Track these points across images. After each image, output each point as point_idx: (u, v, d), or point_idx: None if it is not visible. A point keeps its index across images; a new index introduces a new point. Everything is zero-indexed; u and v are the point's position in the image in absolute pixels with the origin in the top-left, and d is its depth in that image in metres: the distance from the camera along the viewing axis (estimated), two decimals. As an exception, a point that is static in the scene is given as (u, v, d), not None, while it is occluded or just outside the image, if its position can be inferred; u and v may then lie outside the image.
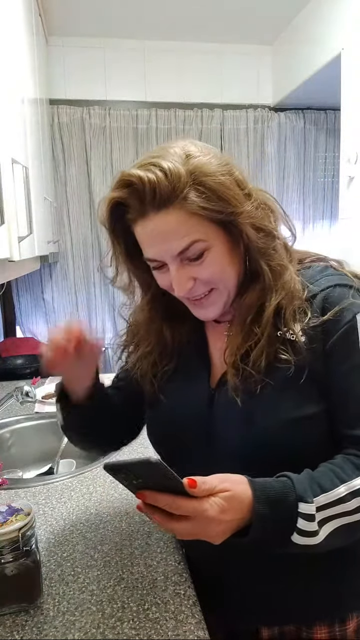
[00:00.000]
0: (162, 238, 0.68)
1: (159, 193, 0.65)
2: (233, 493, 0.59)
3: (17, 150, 1.16)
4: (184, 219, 0.67)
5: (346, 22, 1.93)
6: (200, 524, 0.58)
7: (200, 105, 2.65)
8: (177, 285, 0.71)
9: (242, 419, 0.71)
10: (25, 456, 1.54)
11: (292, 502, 0.61)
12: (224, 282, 0.72)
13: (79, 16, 2.30)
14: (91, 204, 2.63)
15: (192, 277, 0.70)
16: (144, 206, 0.67)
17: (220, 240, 0.69)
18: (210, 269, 0.70)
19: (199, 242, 0.68)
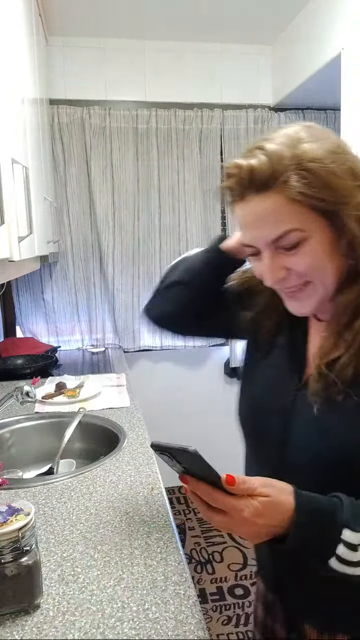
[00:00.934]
0: (257, 223, 0.66)
1: (258, 175, 0.63)
2: (272, 500, 0.58)
3: (17, 150, 1.16)
4: (281, 204, 0.63)
5: (346, 22, 1.93)
6: (235, 521, 0.58)
7: (200, 105, 2.65)
8: (267, 273, 0.67)
9: (317, 428, 0.68)
10: (25, 456, 1.54)
11: (336, 525, 0.57)
12: (321, 277, 0.67)
13: (79, 16, 2.31)
14: (91, 204, 2.63)
15: (285, 267, 0.67)
16: (243, 189, 0.65)
17: (321, 232, 0.64)
18: (305, 260, 0.65)
19: (295, 231, 0.64)
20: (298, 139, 0.63)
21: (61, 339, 2.77)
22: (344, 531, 0.57)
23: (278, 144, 0.63)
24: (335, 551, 0.57)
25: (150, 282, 2.75)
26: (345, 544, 0.57)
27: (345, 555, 0.57)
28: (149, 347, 2.83)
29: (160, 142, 2.64)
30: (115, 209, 2.66)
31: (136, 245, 2.71)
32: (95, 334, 2.79)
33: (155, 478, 1.16)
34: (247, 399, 0.83)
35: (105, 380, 1.99)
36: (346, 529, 0.57)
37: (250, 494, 0.57)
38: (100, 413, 1.61)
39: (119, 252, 2.69)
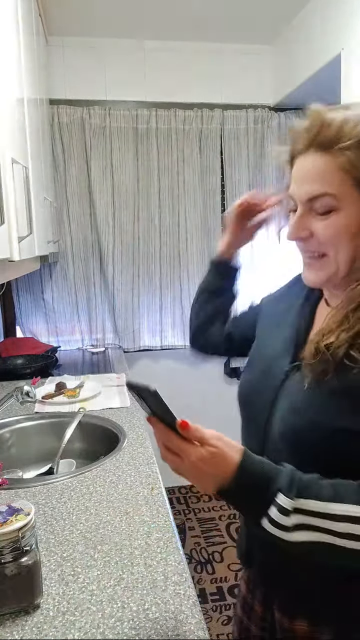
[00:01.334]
0: (304, 178, 0.69)
1: (325, 132, 0.66)
2: (219, 451, 0.61)
3: (17, 150, 1.16)
4: (330, 167, 0.66)
5: (346, 22, 1.93)
6: (183, 464, 0.61)
7: (200, 105, 2.65)
8: (292, 227, 0.71)
9: (290, 408, 0.72)
10: (25, 456, 1.54)
11: (273, 488, 0.60)
12: (337, 251, 0.69)
13: (79, 16, 2.31)
14: (91, 204, 2.63)
15: (309, 228, 0.70)
16: (307, 140, 0.69)
17: (354, 209, 0.67)
18: (330, 230, 0.68)
19: (330, 197, 0.67)
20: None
21: (61, 339, 2.77)
22: (278, 494, 0.60)
23: (357, 116, 0.66)
24: (268, 512, 0.60)
25: (150, 282, 2.75)
26: (278, 507, 0.59)
27: (277, 518, 0.59)
28: (149, 347, 2.83)
29: (160, 142, 2.64)
30: (115, 209, 2.66)
31: (136, 245, 2.71)
32: (95, 334, 2.79)
33: (155, 478, 1.16)
34: (245, 375, 0.89)
35: (105, 380, 1.99)
36: (280, 493, 0.60)
37: (201, 442, 0.61)
38: (100, 413, 1.61)
39: (119, 252, 2.69)
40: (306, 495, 0.60)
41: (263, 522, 0.60)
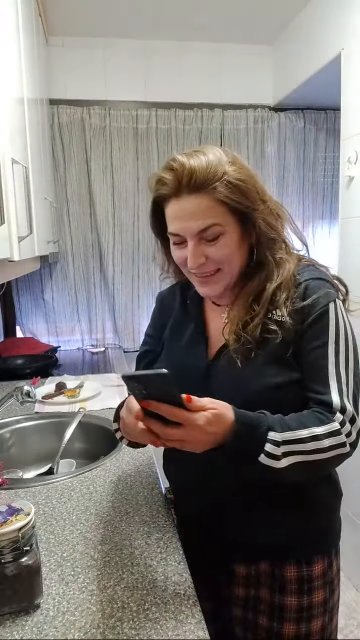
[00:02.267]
0: (189, 217, 0.82)
1: (196, 179, 0.80)
2: (219, 412, 0.72)
3: (17, 150, 1.16)
4: (210, 204, 0.81)
5: (346, 22, 1.93)
6: (189, 431, 0.70)
7: (200, 105, 2.65)
8: (191, 258, 0.84)
9: (234, 384, 0.85)
10: (25, 456, 1.54)
11: (264, 428, 0.75)
12: (230, 265, 0.86)
13: (79, 16, 2.31)
14: (91, 204, 2.63)
15: (205, 254, 0.84)
16: (179, 186, 0.81)
17: (235, 229, 0.84)
18: (221, 251, 0.84)
19: (218, 226, 0.82)
20: (227, 160, 0.82)
21: (61, 339, 2.77)
22: (269, 433, 0.74)
23: (215, 158, 0.82)
24: (264, 447, 0.73)
25: (150, 282, 2.75)
26: (271, 441, 0.74)
27: (271, 450, 0.73)
28: (149, 347, 2.82)
29: (160, 142, 2.64)
30: (115, 209, 2.66)
31: (136, 245, 2.71)
32: (95, 334, 2.79)
33: (155, 478, 1.16)
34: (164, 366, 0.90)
35: (105, 380, 1.99)
36: (271, 430, 0.74)
37: (201, 409, 0.71)
38: (100, 413, 1.61)
39: (119, 252, 2.69)
40: (284, 429, 0.76)
41: (261, 457, 0.73)
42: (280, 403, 0.82)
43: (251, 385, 0.84)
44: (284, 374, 0.83)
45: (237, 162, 0.85)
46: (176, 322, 1.02)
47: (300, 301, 0.83)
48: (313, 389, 0.82)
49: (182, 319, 1.01)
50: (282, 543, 0.89)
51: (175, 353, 0.99)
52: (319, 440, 0.76)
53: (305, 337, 0.83)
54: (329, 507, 0.93)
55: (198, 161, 0.81)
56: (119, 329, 2.77)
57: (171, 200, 0.83)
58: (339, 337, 0.83)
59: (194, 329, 0.97)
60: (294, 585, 0.89)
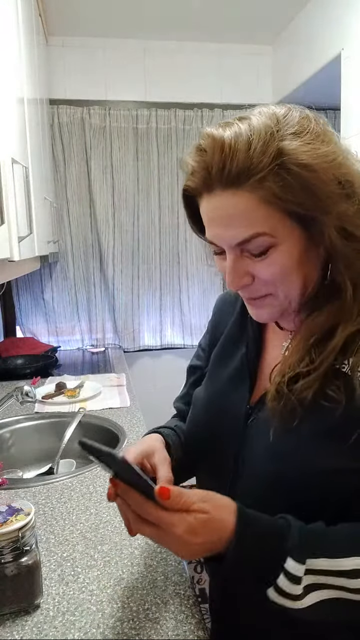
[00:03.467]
0: (224, 222, 0.58)
1: (231, 166, 0.55)
2: (210, 517, 0.52)
3: (17, 150, 1.16)
4: (253, 205, 0.55)
5: (346, 22, 1.93)
6: (167, 537, 0.52)
7: (200, 105, 2.65)
8: (229, 278, 0.61)
9: (271, 452, 0.62)
10: (25, 456, 1.54)
11: (279, 552, 0.52)
12: (285, 289, 0.61)
13: (79, 16, 2.30)
14: (91, 204, 2.63)
15: (249, 272, 0.61)
16: (210, 178, 0.57)
17: (294, 239, 0.58)
18: (273, 269, 0.59)
19: (264, 236, 0.57)
20: (287, 130, 0.56)
21: (61, 339, 2.77)
22: (287, 560, 0.51)
23: (266, 128, 0.55)
24: (276, 581, 0.51)
25: (150, 282, 2.75)
26: (286, 574, 0.51)
27: (285, 586, 0.51)
28: (148, 347, 2.83)
29: (160, 142, 2.64)
30: (115, 209, 2.66)
31: (136, 245, 2.71)
32: (95, 334, 2.79)
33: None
34: (202, 397, 0.78)
35: (105, 380, 1.99)
36: (290, 558, 0.51)
37: (185, 509, 0.52)
38: (100, 413, 1.61)
39: (119, 252, 2.69)
40: (316, 553, 0.52)
41: (269, 592, 0.52)
42: (331, 494, 0.58)
43: (290, 460, 0.60)
44: (342, 456, 0.57)
45: (308, 129, 0.57)
46: (228, 340, 0.78)
47: None
48: None
49: (236, 337, 0.77)
50: None
51: (215, 386, 0.75)
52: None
53: None
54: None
55: (236, 136, 0.55)
56: (119, 329, 2.77)
57: (203, 195, 0.60)
58: None
59: (244, 355, 0.73)
60: None
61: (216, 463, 0.71)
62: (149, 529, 0.53)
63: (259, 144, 0.54)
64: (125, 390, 1.87)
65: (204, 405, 0.76)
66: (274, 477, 0.60)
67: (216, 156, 0.55)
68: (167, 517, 0.51)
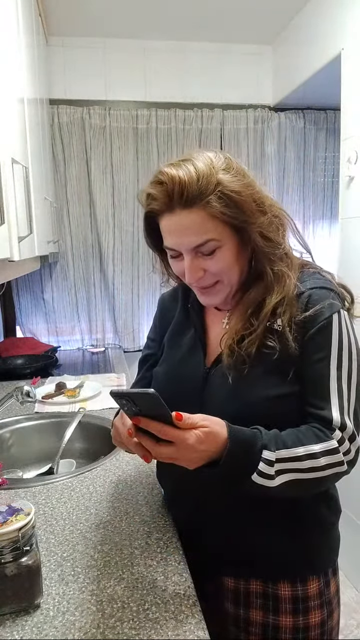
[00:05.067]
0: (183, 232, 0.79)
1: (187, 193, 0.76)
2: (211, 429, 0.71)
3: (17, 150, 1.16)
4: (204, 219, 0.78)
5: (346, 22, 1.93)
6: (180, 450, 0.70)
7: (200, 105, 2.65)
8: (189, 273, 0.82)
9: (230, 395, 0.83)
10: (25, 456, 1.54)
11: (258, 447, 0.73)
12: (229, 277, 0.84)
13: (79, 16, 2.31)
14: (91, 204, 2.63)
15: (202, 268, 0.82)
16: (171, 202, 0.78)
17: (231, 242, 0.81)
18: (218, 264, 0.81)
19: (213, 241, 0.79)
20: (220, 167, 0.78)
21: (61, 339, 2.77)
22: (263, 451, 0.73)
23: (206, 167, 0.77)
24: (258, 467, 0.72)
25: (150, 282, 2.75)
26: (264, 460, 0.73)
27: (264, 469, 0.72)
28: (149, 347, 2.83)
29: (160, 142, 2.64)
30: (115, 209, 2.66)
31: (136, 245, 2.71)
32: (95, 334, 2.79)
33: (155, 478, 1.16)
34: (163, 370, 0.97)
35: (105, 380, 1.99)
36: (265, 450, 0.73)
37: (193, 427, 0.70)
38: (100, 413, 1.61)
39: (119, 252, 2.69)
40: (279, 446, 0.74)
41: (253, 476, 0.72)
42: (278, 416, 0.80)
43: (247, 396, 0.81)
44: (283, 386, 0.80)
45: (232, 167, 0.80)
46: (176, 327, 1.00)
47: (302, 312, 0.80)
48: (313, 403, 0.79)
49: (183, 323, 0.99)
50: (275, 560, 0.86)
51: (173, 359, 0.96)
52: (316, 459, 0.74)
53: (307, 349, 0.79)
54: (325, 524, 0.89)
55: (188, 174, 0.77)
56: (119, 329, 2.77)
57: (164, 214, 0.81)
58: (342, 350, 0.79)
59: (194, 334, 0.95)
60: (288, 605, 0.85)
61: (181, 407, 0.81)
62: (165, 448, 0.70)
63: (203, 178, 0.77)
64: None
65: (165, 374, 0.96)
66: (236, 412, 0.78)
67: (176, 187, 0.77)
68: (182, 433, 0.69)
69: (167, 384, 0.93)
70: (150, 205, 0.81)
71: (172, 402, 0.84)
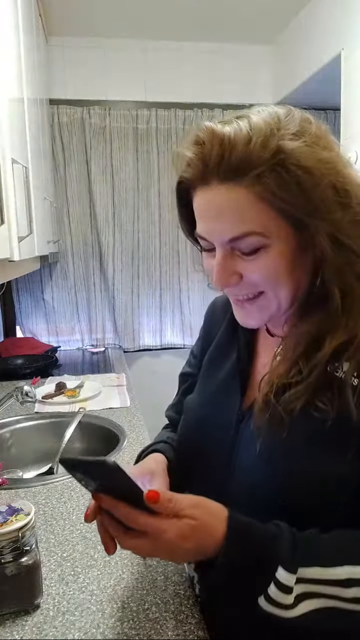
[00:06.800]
0: (216, 216, 0.57)
1: (230, 158, 0.53)
2: (200, 524, 0.51)
3: (17, 150, 1.16)
4: (248, 201, 0.54)
5: (346, 22, 1.93)
6: (158, 544, 0.51)
7: (200, 105, 2.65)
8: (217, 275, 0.59)
9: (258, 463, 0.61)
10: (25, 456, 1.54)
11: (271, 562, 0.51)
12: (275, 290, 0.59)
13: (79, 16, 2.30)
14: (91, 204, 2.63)
15: (237, 272, 0.59)
16: (207, 170, 0.55)
17: (286, 242, 0.56)
18: (262, 270, 0.57)
19: (256, 236, 0.55)
20: (288, 130, 0.54)
21: (61, 339, 2.77)
22: (278, 569, 0.50)
23: (266, 125, 0.54)
24: (267, 590, 0.50)
25: (150, 282, 2.75)
26: (277, 584, 0.50)
27: (275, 596, 0.50)
28: (148, 347, 2.83)
29: (160, 142, 2.64)
30: (115, 209, 2.66)
31: (136, 245, 2.71)
32: (95, 334, 2.79)
33: (155, 478, 1.16)
34: (193, 406, 0.76)
35: (105, 380, 1.99)
36: (281, 567, 0.50)
37: (176, 515, 0.51)
38: (100, 413, 1.61)
39: (119, 252, 2.69)
40: (309, 562, 0.51)
41: (260, 601, 0.51)
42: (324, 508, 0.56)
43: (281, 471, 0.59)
44: (337, 464, 0.55)
45: (308, 132, 0.55)
46: (218, 347, 0.77)
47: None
48: None
49: (226, 344, 0.75)
50: None
51: (206, 393, 0.74)
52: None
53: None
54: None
55: (236, 131, 0.53)
56: (119, 329, 2.77)
57: (197, 188, 0.58)
58: None
59: (235, 362, 0.71)
60: None
61: (207, 473, 0.70)
62: (135, 540, 0.52)
63: (259, 139, 0.53)
64: (125, 390, 1.87)
65: (195, 414, 0.75)
66: (263, 488, 0.59)
67: (215, 148, 0.54)
68: (156, 523, 0.51)
69: (195, 427, 0.73)
70: (183, 173, 0.59)
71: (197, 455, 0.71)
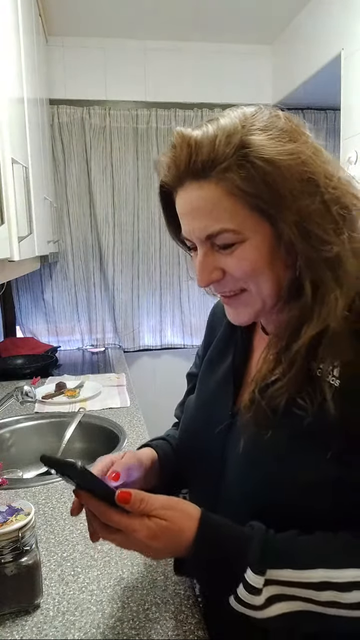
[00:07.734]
0: (192, 214, 0.58)
1: (196, 157, 0.55)
2: (169, 525, 0.53)
3: (17, 150, 1.16)
4: (218, 197, 0.55)
5: (346, 22, 1.93)
6: (131, 541, 0.54)
7: (200, 105, 2.65)
8: (199, 272, 0.60)
9: (241, 465, 0.62)
10: (25, 456, 1.53)
11: (240, 563, 0.51)
12: (257, 285, 0.59)
13: (79, 16, 2.30)
14: (91, 204, 2.63)
15: (219, 267, 0.59)
16: (179, 172, 0.57)
17: (261, 235, 0.56)
18: (240, 264, 0.57)
19: (229, 233, 0.56)
20: (254, 126, 0.55)
21: (61, 339, 2.77)
22: (247, 570, 0.51)
23: (232, 123, 0.55)
24: (236, 590, 0.51)
25: (150, 282, 2.75)
26: (245, 585, 0.50)
27: (244, 597, 0.50)
28: (148, 347, 2.83)
29: (160, 142, 2.64)
30: (115, 209, 2.66)
31: (136, 245, 2.71)
32: (95, 334, 2.79)
33: (155, 478, 1.15)
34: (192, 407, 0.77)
35: (105, 380, 1.99)
36: (249, 569, 0.50)
37: (147, 514, 0.53)
38: (100, 413, 1.61)
39: (119, 252, 2.69)
40: (281, 564, 0.51)
41: (230, 600, 0.52)
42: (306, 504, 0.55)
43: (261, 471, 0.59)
44: (317, 467, 0.54)
45: (276, 126, 0.56)
46: (218, 346, 0.77)
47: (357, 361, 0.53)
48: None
49: (225, 343, 0.75)
50: None
51: (204, 393, 0.75)
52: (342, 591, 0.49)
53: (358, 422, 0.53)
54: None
55: (204, 132, 0.55)
56: (119, 329, 2.77)
57: (176, 190, 0.60)
58: None
59: (231, 361, 0.71)
60: None
61: (203, 470, 0.71)
62: (112, 535, 0.55)
63: (223, 137, 0.54)
64: (125, 390, 1.87)
65: (193, 413, 0.76)
66: (250, 484, 0.60)
67: (184, 150, 0.56)
68: (127, 522, 0.53)
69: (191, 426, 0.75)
70: (161, 178, 0.62)
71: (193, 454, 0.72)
